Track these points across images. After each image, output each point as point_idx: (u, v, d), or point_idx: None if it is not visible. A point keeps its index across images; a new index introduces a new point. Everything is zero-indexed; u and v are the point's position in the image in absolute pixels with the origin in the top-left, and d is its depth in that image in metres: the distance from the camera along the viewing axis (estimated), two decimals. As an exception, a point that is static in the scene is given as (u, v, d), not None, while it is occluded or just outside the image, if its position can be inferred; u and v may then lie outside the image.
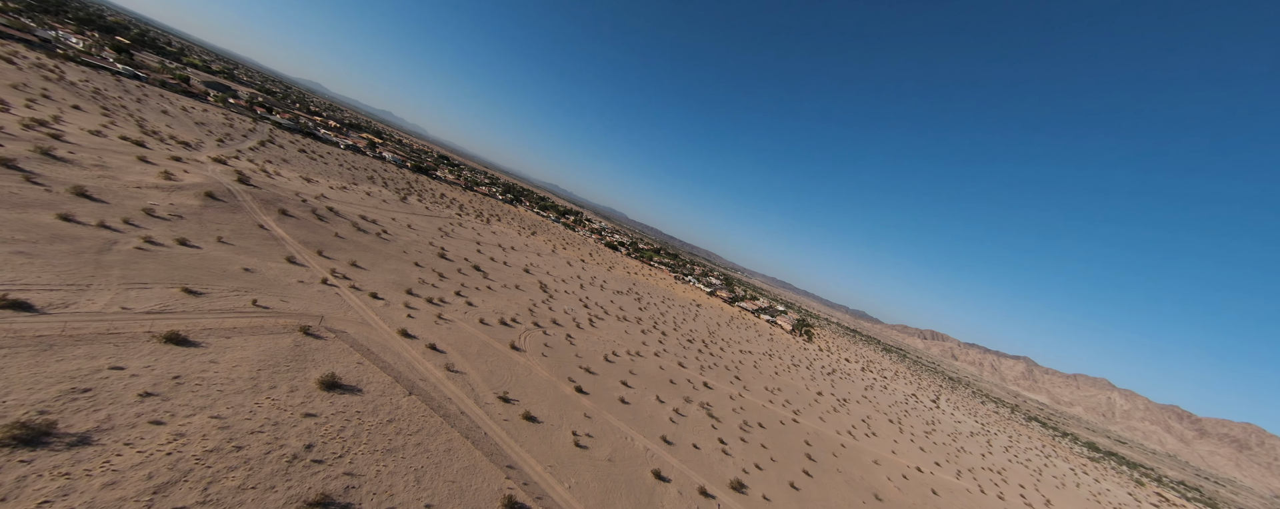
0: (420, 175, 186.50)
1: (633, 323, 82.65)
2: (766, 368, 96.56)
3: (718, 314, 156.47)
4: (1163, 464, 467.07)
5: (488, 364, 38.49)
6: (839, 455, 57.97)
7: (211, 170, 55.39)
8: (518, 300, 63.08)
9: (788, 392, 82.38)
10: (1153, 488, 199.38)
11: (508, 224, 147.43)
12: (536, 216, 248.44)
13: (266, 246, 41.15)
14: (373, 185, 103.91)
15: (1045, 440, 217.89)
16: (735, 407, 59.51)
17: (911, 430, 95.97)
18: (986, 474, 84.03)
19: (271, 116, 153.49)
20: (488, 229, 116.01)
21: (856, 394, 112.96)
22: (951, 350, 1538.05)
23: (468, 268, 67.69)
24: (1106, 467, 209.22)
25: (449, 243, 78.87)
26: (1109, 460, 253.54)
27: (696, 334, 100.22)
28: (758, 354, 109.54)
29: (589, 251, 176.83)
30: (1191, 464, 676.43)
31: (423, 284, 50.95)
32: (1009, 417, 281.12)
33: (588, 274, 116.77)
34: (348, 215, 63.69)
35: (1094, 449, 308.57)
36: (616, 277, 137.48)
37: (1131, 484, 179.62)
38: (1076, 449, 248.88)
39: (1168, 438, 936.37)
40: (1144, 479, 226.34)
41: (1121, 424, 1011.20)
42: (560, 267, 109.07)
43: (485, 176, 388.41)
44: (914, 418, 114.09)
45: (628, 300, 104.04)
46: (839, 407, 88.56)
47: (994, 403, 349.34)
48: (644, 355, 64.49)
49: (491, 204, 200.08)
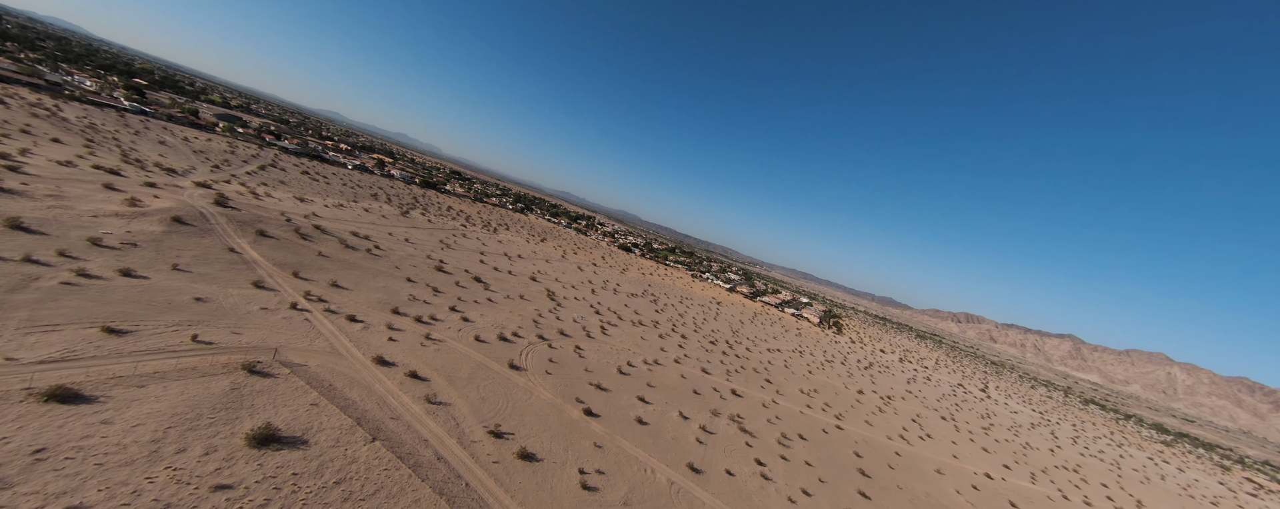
0: (428, 190, 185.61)
1: (649, 327, 76.68)
2: (798, 367, 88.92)
3: (740, 311, 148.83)
4: (1239, 443, 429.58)
5: (480, 390, 33.20)
6: (896, 467, 50.41)
7: (190, 194, 52.44)
8: (521, 312, 58.01)
9: (825, 393, 74.76)
10: (1240, 473, 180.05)
11: (516, 232, 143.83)
12: (547, 223, 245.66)
13: (232, 272, 37.09)
14: (374, 202, 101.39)
15: (1110, 426, 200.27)
16: (770, 416, 52.71)
17: (968, 427, 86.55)
18: (1062, 474, 74.21)
19: (279, 142, 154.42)
20: (494, 238, 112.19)
21: (900, 389, 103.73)
22: (989, 332, 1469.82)
23: (467, 280, 63.13)
24: (1181, 450, 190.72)
25: (449, 255, 74.74)
26: (1182, 443, 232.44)
27: (719, 335, 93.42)
28: (787, 352, 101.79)
29: (601, 255, 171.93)
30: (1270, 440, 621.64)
31: (413, 301, 46.34)
32: (1064, 401, 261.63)
33: (599, 278, 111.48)
34: (336, 233, 60.03)
35: (1162, 431, 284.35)
36: (630, 279, 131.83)
37: (1217, 470, 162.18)
38: (1144, 433, 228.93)
39: (1239, 413, 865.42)
40: (1227, 463, 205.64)
41: (1185, 401, 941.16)
42: (570, 272, 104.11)
43: (496, 188, 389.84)
44: (967, 412, 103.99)
45: (643, 303, 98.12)
46: (884, 406, 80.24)
47: (1044, 387, 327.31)
48: (663, 363, 58.40)
49: (501, 214, 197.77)
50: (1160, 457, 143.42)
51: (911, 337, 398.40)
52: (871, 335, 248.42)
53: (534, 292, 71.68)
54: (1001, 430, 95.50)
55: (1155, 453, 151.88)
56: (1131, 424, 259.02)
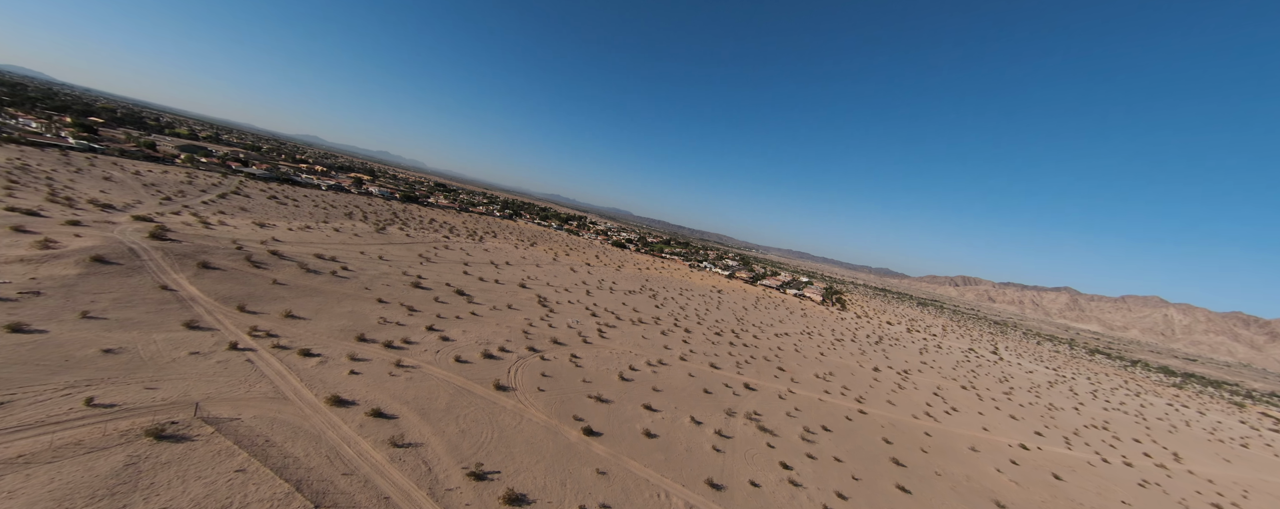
0: (409, 204, 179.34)
1: (650, 324, 72.46)
2: (809, 350, 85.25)
3: (742, 297, 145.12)
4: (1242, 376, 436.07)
5: (459, 422, 28.74)
6: (929, 450, 46.74)
7: (122, 230, 47.08)
8: (510, 323, 53.44)
9: (841, 375, 71.11)
10: (1255, 409, 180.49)
11: (504, 239, 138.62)
12: (537, 227, 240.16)
13: (160, 313, 32.15)
14: (347, 221, 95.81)
15: (1121, 374, 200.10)
16: (789, 409, 48.77)
17: (990, 394, 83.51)
18: (1093, 434, 71.35)
19: (246, 169, 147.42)
20: (479, 247, 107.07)
21: (914, 362, 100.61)
22: (987, 293, 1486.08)
23: (448, 294, 58.33)
24: (1192, 391, 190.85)
25: (429, 269, 69.76)
26: (1191, 384, 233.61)
27: (724, 324, 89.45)
28: (795, 335, 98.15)
29: (595, 254, 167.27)
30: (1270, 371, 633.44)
31: (384, 325, 41.58)
32: (1072, 354, 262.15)
33: (594, 278, 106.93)
34: (297, 257, 54.85)
35: (1169, 373, 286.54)
36: (626, 275, 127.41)
37: (1232, 409, 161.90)
38: (1154, 377, 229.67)
39: (1237, 347, 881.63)
40: (1237, 399, 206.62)
41: (1184, 340, 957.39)
42: (562, 275, 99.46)
43: (484, 197, 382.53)
44: (985, 377, 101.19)
45: (641, 299, 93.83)
46: (902, 382, 76.82)
47: (1049, 342, 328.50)
48: (668, 363, 54.21)
49: (488, 222, 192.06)
50: (1177, 401, 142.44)
51: (913, 305, 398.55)
52: (875, 308, 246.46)
53: (523, 299, 67.06)
54: (1023, 393, 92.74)
55: (1171, 397, 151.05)
56: (1139, 370, 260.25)
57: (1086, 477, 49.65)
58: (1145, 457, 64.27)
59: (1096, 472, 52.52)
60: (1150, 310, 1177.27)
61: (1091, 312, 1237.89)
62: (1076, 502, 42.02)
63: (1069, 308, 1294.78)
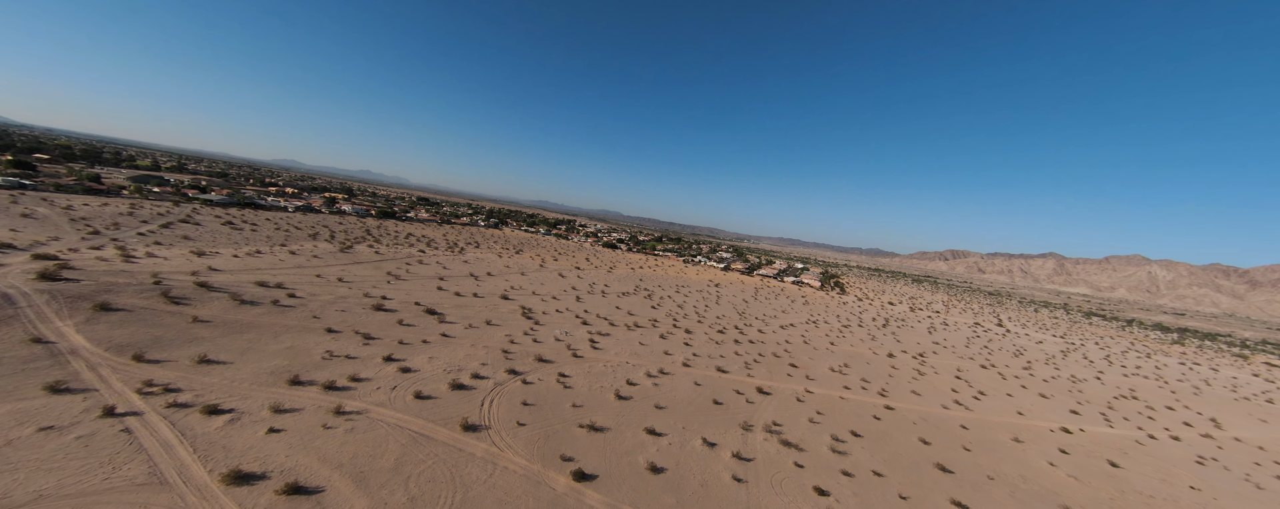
0: (385, 220, 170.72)
1: (648, 328, 66.44)
2: (818, 340, 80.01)
3: (740, 290, 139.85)
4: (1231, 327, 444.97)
5: (410, 485, 22.38)
6: (972, 447, 41.46)
7: (8, 273, 39.55)
8: (488, 341, 46.99)
9: (857, 365, 65.85)
10: (1258, 359, 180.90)
11: (487, 249, 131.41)
12: (523, 234, 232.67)
13: (18, 376, 25.18)
14: (310, 242, 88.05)
15: (1122, 335, 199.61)
16: (810, 414, 43.14)
17: (1011, 371, 79.11)
18: (1126, 405, 67.18)
19: (204, 196, 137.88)
20: (458, 259, 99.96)
21: (926, 343, 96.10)
22: (977, 265, 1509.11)
23: (416, 314, 51.59)
24: (1194, 347, 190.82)
25: (397, 288, 62.80)
26: (1189, 338, 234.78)
27: (726, 320, 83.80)
28: (801, 325, 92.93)
29: (585, 257, 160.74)
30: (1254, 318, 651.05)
31: (329, 361, 34.89)
32: (1070, 319, 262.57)
33: (585, 282, 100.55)
34: (232, 287, 47.61)
35: (1164, 329, 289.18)
36: (619, 277, 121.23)
37: (1238, 362, 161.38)
38: (1152, 335, 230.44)
39: (1221, 298, 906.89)
40: (1239, 351, 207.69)
41: (1169, 295, 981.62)
42: (550, 281, 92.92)
43: (469, 208, 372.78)
44: (1000, 353, 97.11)
45: (636, 301, 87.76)
46: (921, 367, 71.90)
47: (1045, 308, 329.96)
48: (670, 372, 48.24)
49: (471, 232, 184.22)
50: (1187, 359, 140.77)
51: (908, 283, 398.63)
52: (873, 289, 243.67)
53: (505, 312, 60.52)
54: (1042, 367, 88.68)
55: (1179, 356, 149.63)
56: (1135, 328, 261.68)
57: (1141, 460, 44.86)
58: (1187, 426, 60.07)
59: (1148, 451, 47.84)
60: (1134, 269, 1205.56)
61: (1078, 274, 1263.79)
62: (1145, 494, 37.02)
63: (1057, 273, 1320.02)
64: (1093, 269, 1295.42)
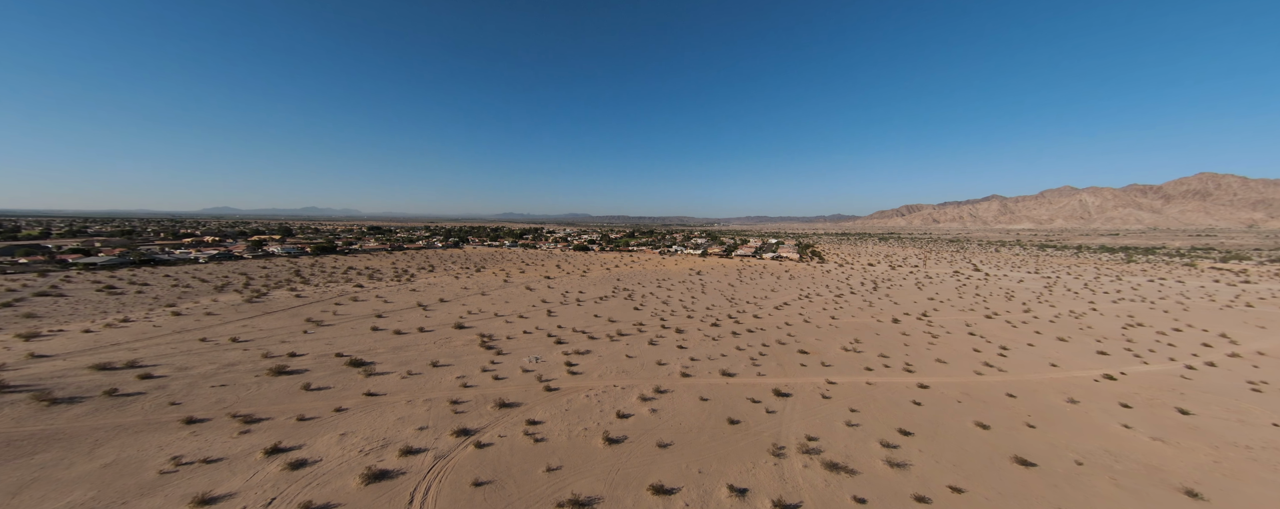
0: (322, 256, 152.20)
1: (634, 335, 57.33)
2: (818, 316, 73.60)
3: (722, 274, 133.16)
4: (1160, 239, 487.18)
5: None
6: (1035, 421, 35.10)
7: None
8: (432, 392, 36.40)
9: (868, 339, 59.50)
10: (1204, 265, 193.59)
11: (443, 272, 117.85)
12: (487, 250, 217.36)
13: None
14: (215, 296, 72.82)
15: (1081, 263, 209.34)
16: (844, 414, 35.51)
17: (1016, 317, 75.68)
18: (1139, 334, 64.53)
19: (88, 259, 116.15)
20: (405, 289, 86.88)
21: (922, 301, 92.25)
22: (931, 216, 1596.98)
23: (333, 372, 40.07)
24: (1144, 263, 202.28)
25: (312, 339, 50.44)
26: (1136, 257, 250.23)
27: (717, 310, 75.96)
28: (795, 302, 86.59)
29: (556, 264, 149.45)
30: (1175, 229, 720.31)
31: (171, 474, 23.53)
32: (1028, 253, 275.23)
33: (557, 292, 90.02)
34: (47, 380, 34.39)
35: (1110, 250, 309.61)
36: (595, 280, 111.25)
37: (1191, 271, 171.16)
38: (1103, 257, 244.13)
39: (1143, 215, 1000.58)
40: (1183, 261, 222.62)
41: (1099, 219, 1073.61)
42: (517, 298, 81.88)
43: (426, 230, 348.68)
44: (994, 299, 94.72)
45: (617, 305, 78.38)
46: (930, 329, 66.71)
47: (1005, 247, 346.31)
48: (668, 389, 39.41)
49: (426, 256, 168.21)
50: (1154, 275, 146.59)
51: (875, 242, 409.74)
52: (849, 253, 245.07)
53: (459, 346, 49.67)
54: (1040, 307, 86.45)
55: (1139, 273, 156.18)
56: (1086, 254, 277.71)
57: (1201, 400, 40.23)
58: (1206, 347, 57.51)
59: (1199, 386, 43.60)
60: (1066, 200, 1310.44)
61: (1020, 211, 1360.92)
62: (1239, 445, 31.67)
63: (1001, 213, 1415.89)
64: (1032, 205, 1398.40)
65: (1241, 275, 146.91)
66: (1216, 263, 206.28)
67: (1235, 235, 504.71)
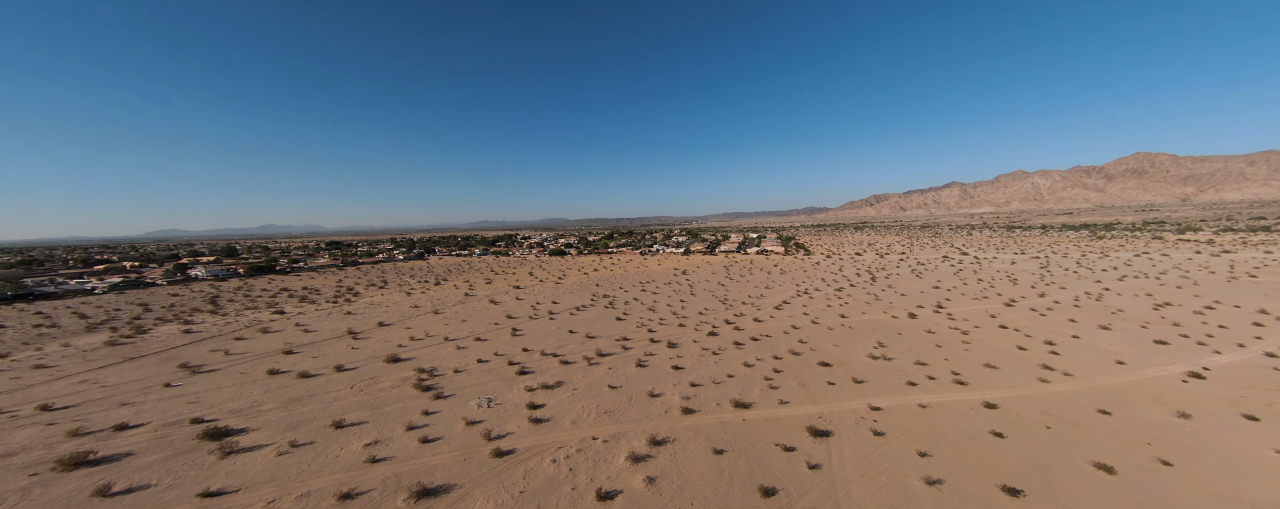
0: (254, 278, 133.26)
1: (617, 354, 46.25)
2: (826, 315, 64.62)
3: (710, 272, 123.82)
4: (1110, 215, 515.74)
5: None
6: (1163, 451, 26.26)
7: None
8: (314, 478, 24.16)
9: (892, 341, 50.61)
10: (1172, 239, 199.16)
11: (395, 289, 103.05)
12: (454, 259, 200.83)
13: None
14: (70, 338, 56.81)
15: (1058, 240, 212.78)
16: (909, 458, 25.61)
17: (1041, 306, 69.05)
18: (1184, 317, 58.52)
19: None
20: (338, 313, 72.56)
21: (928, 290, 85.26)
22: (898, 204, 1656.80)
23: (175, 450, 27.05)
24: (1118, 240, 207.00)
25: (165, 399, 36.60)
26: (1100, 234, 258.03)
27: (712, 315, 65.84)
28: (795, 299, 77.65)
29: (528, 271, 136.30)
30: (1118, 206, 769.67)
31: None
32: (1001, 235, 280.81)
33: (526, 304, 77.67)
34: None
35: (1070, 229, 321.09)
36: (571, 287, 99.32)
37: (1159, 243, 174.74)
38: (1071, 236, 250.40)
39: (1089, 194, 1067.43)
40: (1150, 235, 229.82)
41: (1052, 200, 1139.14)
42: (477, 314, 69.21)
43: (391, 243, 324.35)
44: (1001, 285, 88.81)
45: (596, 314, 67.02)
46: (957, 325, 58.69)
47: (976, 231, 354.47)
48: (668, 435, 28.59)
49: (382, 270, 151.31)
50: (1136, 250, 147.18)
51: (851, 231, 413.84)
52: (832, 244, 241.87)
53: (383, 392, 37.18)
54: (1051, 290, 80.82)
55: (1118, 248, 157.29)
56: (1054, 233, 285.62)
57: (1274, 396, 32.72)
58: (1260, 327, 51.55)
59: (1261, 374, 36.37)
60: (1020, 183, 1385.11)
61: (980, 196, 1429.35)
62: None
63: (962, 199, 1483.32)
64: (989, 189, 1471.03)
65: (1214, 245, 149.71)
66: (1178, 235, 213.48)
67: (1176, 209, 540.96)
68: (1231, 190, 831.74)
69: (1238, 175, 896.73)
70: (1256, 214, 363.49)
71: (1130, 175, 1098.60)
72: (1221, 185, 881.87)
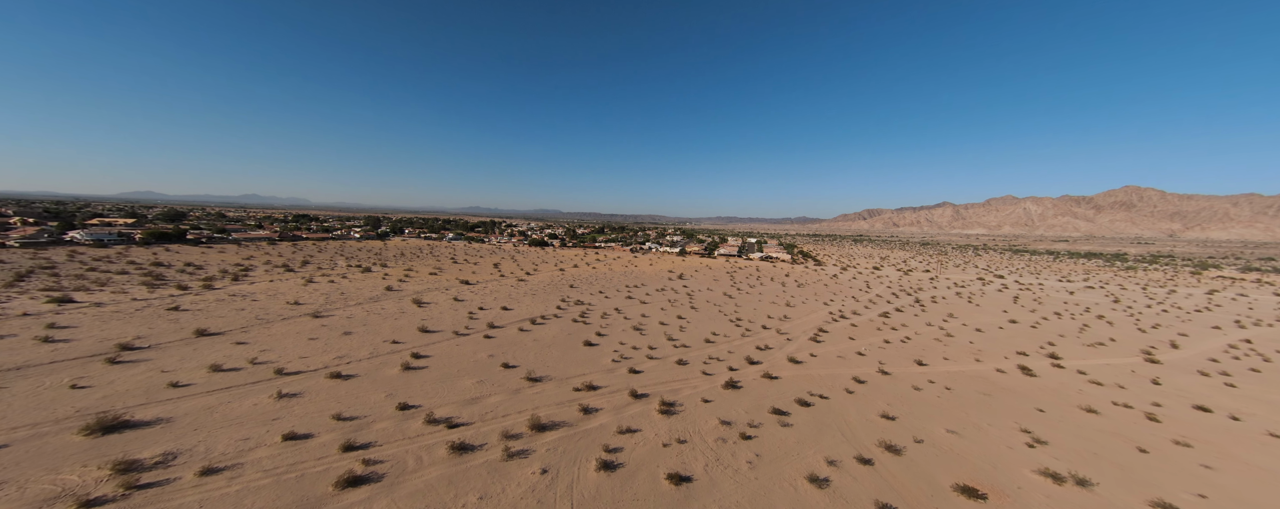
0: (150, 246, 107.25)
1: (569, 426, 24.20)
2: (898, 363, 43.74)
3: (711, 278, 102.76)
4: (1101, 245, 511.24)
5: None
6: None
7: None
8: None
9: (1035, 422, 29.98)
10: (1208, 275, 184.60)
11: (309, 272, 79.33)
12: (419, 242, 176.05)
13: None
14: None
15: (1097, 270, 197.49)
16: None
17: (1190, 363, 49.22)
18: None
19: None
20: (156, 309, 49.05)
21: (1005, 326, 65.36)
22: (891, 220, 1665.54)
23: None
24: (1156, 274, 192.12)
25: None
26: (1104, 264, 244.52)
27: (724, 342, 44.46)
28: (835, 327, 56.79)
29: (494, 263, 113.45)
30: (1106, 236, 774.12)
31: None
32: (1013, 258, 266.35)
33: (465, 309, 54.86)
34: None
35: (1079, 256, 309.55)
36: (538, 287, 76.95)
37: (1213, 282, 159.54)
38: (1093, 265, 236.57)
39: (1079, 223, 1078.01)
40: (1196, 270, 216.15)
41: (1042, 226, 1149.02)
42: (374, 325, 46.27)
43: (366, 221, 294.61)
44: (1098, 326, 69.35)
45: (557, 333, 44.93)
46: (1107, 387, 38.32)
47: (982, 252, 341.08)
48: None
49: (317, 249, 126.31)
50: (1189, 286, 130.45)
51: (850, 243, 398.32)
52: (843, 255, 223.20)
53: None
54: (1178, 337, 61.37)
55: (1166, 282, 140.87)
56: (1052, 259, 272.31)
57: None
58: None
59: None
60: (1011, 207, 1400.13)
61: (971, 218, 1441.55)
62: None
63: (955, 219, 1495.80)
64: (981, 212, 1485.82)
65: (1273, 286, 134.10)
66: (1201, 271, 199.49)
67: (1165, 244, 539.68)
68: (1217, 229, 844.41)
69: (1223, 215, 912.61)
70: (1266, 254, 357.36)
71: (1119, 207, 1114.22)
72: (1207, 224, 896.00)
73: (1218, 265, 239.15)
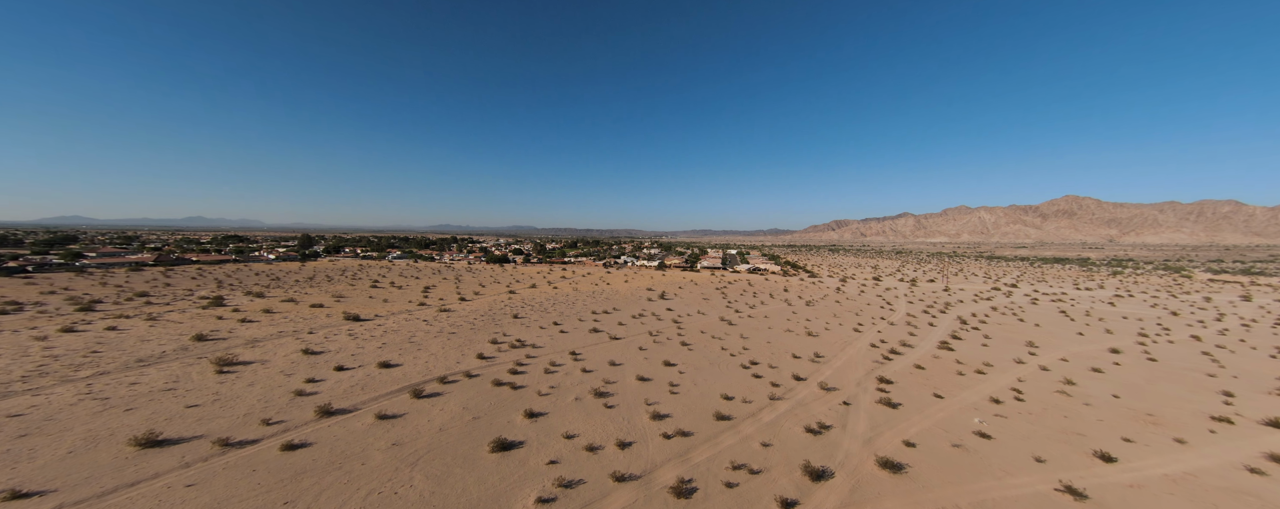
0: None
1: None
2: (1033, 430, 24.90)
3: (698, 295, 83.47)
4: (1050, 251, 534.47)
5: None
6: None
7: None
8: None
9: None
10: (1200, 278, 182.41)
11: (113, 314, 53.84)
12: (351, 262, 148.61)
13: None
14: None
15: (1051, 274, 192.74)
16: None
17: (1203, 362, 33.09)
18: None
19: None
20: None
21: (1080, 348, 48.75)
22: (858, 230, 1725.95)
23: None
24: (1156, 280, 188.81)
25: None
26: (1087, 270, 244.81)
27: (741, 397, 24.29)
28: (894, 359, 37.89)
29: (425, 286, 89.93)
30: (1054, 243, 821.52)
31: None
32: (985, 265, 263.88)
33: (310, 371, 32.18)
34: None
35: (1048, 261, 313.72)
36: (471, 318, 54.50)
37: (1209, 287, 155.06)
38: (1057, 268, 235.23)
39: (1028, 230, 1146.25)
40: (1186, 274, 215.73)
41: (996, 234, 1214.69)
42: (95, 427, 23.15)
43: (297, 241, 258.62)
44: (1123, 336, 54.09)
45: (465, 406, 23.29)
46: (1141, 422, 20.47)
47: (955, 258, 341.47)
48: None
49: (197, 273, 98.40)
50: (1194, 291, 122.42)
51: (827, 253, 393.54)
52: (831, 267, 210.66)
53: None
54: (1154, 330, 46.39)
55: (1165, 287, 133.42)
56: (1028, 265, 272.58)
57: None
58: None
59: None
60: (967, 216, 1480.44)
61: (932, 227, 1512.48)
62: None
63: (917, 229, 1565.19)
64: (939, 221, 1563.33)
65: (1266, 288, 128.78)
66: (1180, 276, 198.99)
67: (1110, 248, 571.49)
68: (1150, 234, 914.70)
69: (1152, 221, 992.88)
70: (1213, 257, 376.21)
71: (1062, 215, 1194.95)
72: (1140, 229, 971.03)
73: (1181, 268, 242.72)
